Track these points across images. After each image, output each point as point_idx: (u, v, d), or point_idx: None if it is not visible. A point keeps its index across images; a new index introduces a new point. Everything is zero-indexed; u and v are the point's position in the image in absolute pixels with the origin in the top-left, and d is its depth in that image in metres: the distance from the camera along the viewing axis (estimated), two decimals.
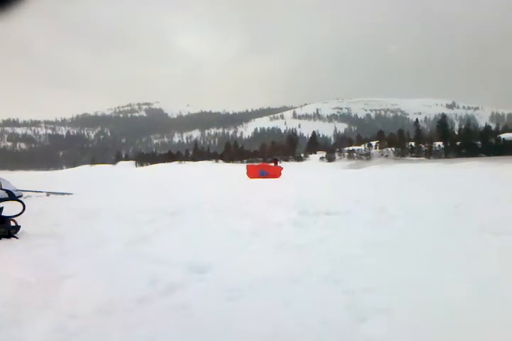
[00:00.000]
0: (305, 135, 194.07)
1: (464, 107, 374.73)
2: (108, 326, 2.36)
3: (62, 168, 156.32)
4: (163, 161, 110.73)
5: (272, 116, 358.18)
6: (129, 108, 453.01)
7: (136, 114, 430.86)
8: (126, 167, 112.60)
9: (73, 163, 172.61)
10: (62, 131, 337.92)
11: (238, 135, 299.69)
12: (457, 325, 2.31)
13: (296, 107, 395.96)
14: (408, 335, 2.20)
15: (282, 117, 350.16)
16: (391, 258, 3.82)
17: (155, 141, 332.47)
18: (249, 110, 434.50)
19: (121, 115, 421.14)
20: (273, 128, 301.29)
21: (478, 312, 2.47)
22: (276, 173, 24.98)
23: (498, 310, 2.50)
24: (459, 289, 2.86)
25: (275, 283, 3.14)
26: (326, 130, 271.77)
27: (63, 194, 12.86)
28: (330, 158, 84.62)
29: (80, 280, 3.11)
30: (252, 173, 25.35)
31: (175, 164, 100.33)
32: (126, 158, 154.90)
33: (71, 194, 12.86)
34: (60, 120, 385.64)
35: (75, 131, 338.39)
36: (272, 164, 33.26)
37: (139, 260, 3.73)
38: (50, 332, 2.28)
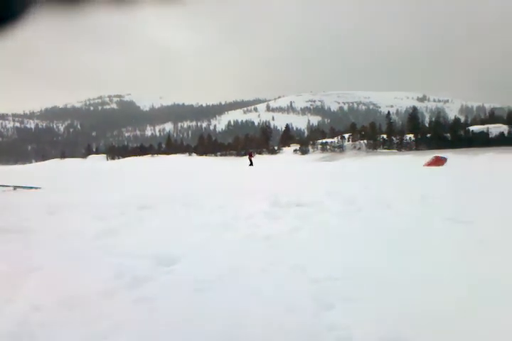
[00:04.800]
0: (279, 128, 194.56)
1: (434, 100, 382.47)
2: (71, 319, 2.33)
3: (31, 162, 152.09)
4: (136, 154, 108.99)
5: (245, 108, 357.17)
6: (99, 100, 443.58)
7: (107, 107, 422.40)
8: (97, 161, 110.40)
9: (42, 157, 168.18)
10: (31, 124, 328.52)
11: (212, 128, 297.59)
12: (422, 310, 2.38)
13: (269, 100, 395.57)
14: (373, 323, 2.26)
15: (256, 110, 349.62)
16: (358, 248, 3.89)
17: (127, 134, 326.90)
18: (223, 103, 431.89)
19: (91, 108, 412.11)
20: (247, 121, 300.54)
21: (440, 297, 2.55)
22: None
23: (457, 293, 2.58)
24: (424, 277, 2.95)
25: (244, 273, 3.16)
26: (300, 123, 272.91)
27: (31, 188, 12.54)
28: (303, 151, 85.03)
29: (45, 274, 3.06)
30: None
31: (147, 157, 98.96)
32: (97, 152, 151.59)
33: (39, 188, 12.56)
34: (28, 113, 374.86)
35: (44, 124, 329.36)
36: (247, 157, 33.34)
37: (105, 253, 3.69)
38: (13, 324, 2.25)
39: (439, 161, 24.98)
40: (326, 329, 2.20)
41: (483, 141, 56.19)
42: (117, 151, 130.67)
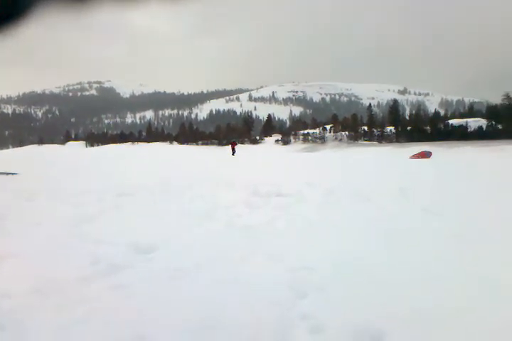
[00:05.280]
0: (261, 118, 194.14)
1: (415, 93, 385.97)
2: (42, 306, 2.30)
3: (8, 148, 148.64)
4: (115, 142, 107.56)
5: (227, 98, 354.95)
6: (78, 86, 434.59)
7: (87, 93, 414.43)
8: (76, 147, 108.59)
9: (20, 143, 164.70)
10: (8, 109, 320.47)
11: (193, 116, 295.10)
12: (397, 297, 2.43)
13: (252, 90, 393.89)
14: (344, 310, 2.29)
15: (238, 99, 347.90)
16: (336, 237, 3.93)
17: (106, 121, 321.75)
18: (205, 91, 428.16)
19: (70, 94, 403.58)
20: (228, 110, 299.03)
21: (415, 287, 2.60)
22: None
23: (431, 280, 2.64)
24: (397, 266, 3.00)
25: (221, 262, 3.17)
26: (282, 113, 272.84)
27: (7, 174, 12.33)
28: (285, 141, 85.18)
29: (19, 260, 3.01)
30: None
31: (127, 145, 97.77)
32: (76, 138, 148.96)
33: (16, 174, 12.35)
34: (5, 97, 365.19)
35: (22, 110, 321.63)
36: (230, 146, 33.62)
37: (82, 240, 3.65)
38: None
39: (424, 155, 26.20)
40: (300, 318, 2.23)
41: (462, 135, 57.13)
42: (97, 138, 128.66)
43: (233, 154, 32.27)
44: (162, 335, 2.02)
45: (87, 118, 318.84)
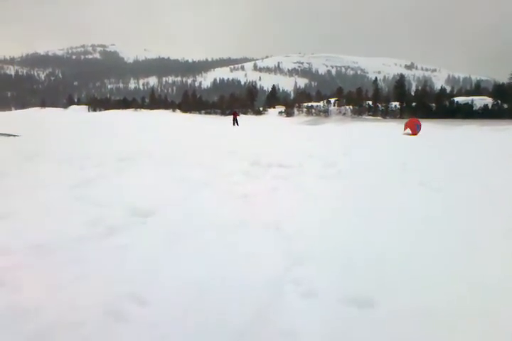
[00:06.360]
0: (265, 88, 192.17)
1: (422, 69, 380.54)
2: (40, 263, 2.34)
3: (10, 110, 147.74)
4: (118, 108, 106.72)
5: (232, 66, 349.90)
6: (82, 49, 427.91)
7: (90, 56, 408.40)
8: (78, 111, 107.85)
9: (22, 105, 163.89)
10: (11, 70, 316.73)
11: (197, 84, 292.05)
12: (390, 271, 2.47)
13: (257, 59, 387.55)
14: (338, 278, 2.34)
15: (243, 69, 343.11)
16: (334, 208, 3.96)
17: (109, 86, 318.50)
18: (209, 59, 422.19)
19: (73, 56, 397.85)
20: (233, 79, 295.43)
21: (407, 259, 2.64)
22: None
23: (424, 252, 2.68)
24: (391, 238, 3.04)
25: (219, 228, 3.20)
26: (286, 84, 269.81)
27: (9, 135, 12.32)
28: (289, 113, 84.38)
29: (17, 220, 3.04)
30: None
31: (130, 111, 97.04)
32: (79, 102, 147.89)
33: (17, 136, 12.35)
34: (8, 58, 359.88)
35: (24, 71, 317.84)
36: (232, 116, 33.06)
37: (81, 202, 3.67)
38: None
39: (412, 125, 24.49)
40: (293, 283, 2.28)
41: (467, 113, 56.49)
42: (99, 103, 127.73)
43: (234, 124, 31.76)
44: (157, 295, 2.07)
45: (90, 83, 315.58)
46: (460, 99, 67.83)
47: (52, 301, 1.95)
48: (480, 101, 64.09)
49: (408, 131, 25.06)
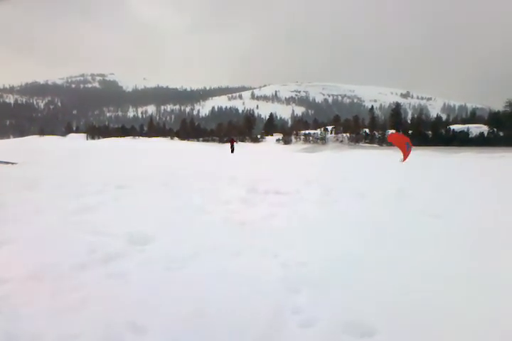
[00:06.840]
0: (263, 116, 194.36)
1: (417, 97, 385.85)
2: (38, 291, 2.34)
3: (8, 138, 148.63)
4: (116, 135, 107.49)
5: (230, 95, 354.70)
6: (81, 78, 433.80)
7: (89, 85, 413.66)
8: (77, 139, 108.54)
9: (20, 133, 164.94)
10: (10, 98, 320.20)
11: (195, 113, 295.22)
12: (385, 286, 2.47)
13: (255, 88, 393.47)
14: (338, 306, 2.33)
15: (241, 97, 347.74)
16: (330, 236, 3.97)
17: (108, 114, 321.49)
18: (208, 88, 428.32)
19: (73, 85, 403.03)
20: (231, 107, 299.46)
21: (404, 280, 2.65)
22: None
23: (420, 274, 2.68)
24: (390, 266, 3.04)
25: (217, 255, 3.20)
26: (284, 112, 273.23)
27: (7, 163, 12.39)
28: (286, 141, 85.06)
29: (16, 247, 3.04)
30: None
31: (129, 139, 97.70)
32: (77, 131, 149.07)
33: (15, 163, 12.42)
34: (7, 87, 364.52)
35: (24, 100, 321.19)
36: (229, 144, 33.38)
37: (79, 229, 3.68)
38: None
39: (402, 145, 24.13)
40: (291, 312, 2.27)
41: (463, 140, 57.10)
42: (98, 131, 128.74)
43: (232, 151, 32.04)
44: (155, 323, 2.06)
45: (89, 111, 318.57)
46: (456, 127, 68.66)
47: (50, 329, 1.94)
48: (476, 129, 64.86)
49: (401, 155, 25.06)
